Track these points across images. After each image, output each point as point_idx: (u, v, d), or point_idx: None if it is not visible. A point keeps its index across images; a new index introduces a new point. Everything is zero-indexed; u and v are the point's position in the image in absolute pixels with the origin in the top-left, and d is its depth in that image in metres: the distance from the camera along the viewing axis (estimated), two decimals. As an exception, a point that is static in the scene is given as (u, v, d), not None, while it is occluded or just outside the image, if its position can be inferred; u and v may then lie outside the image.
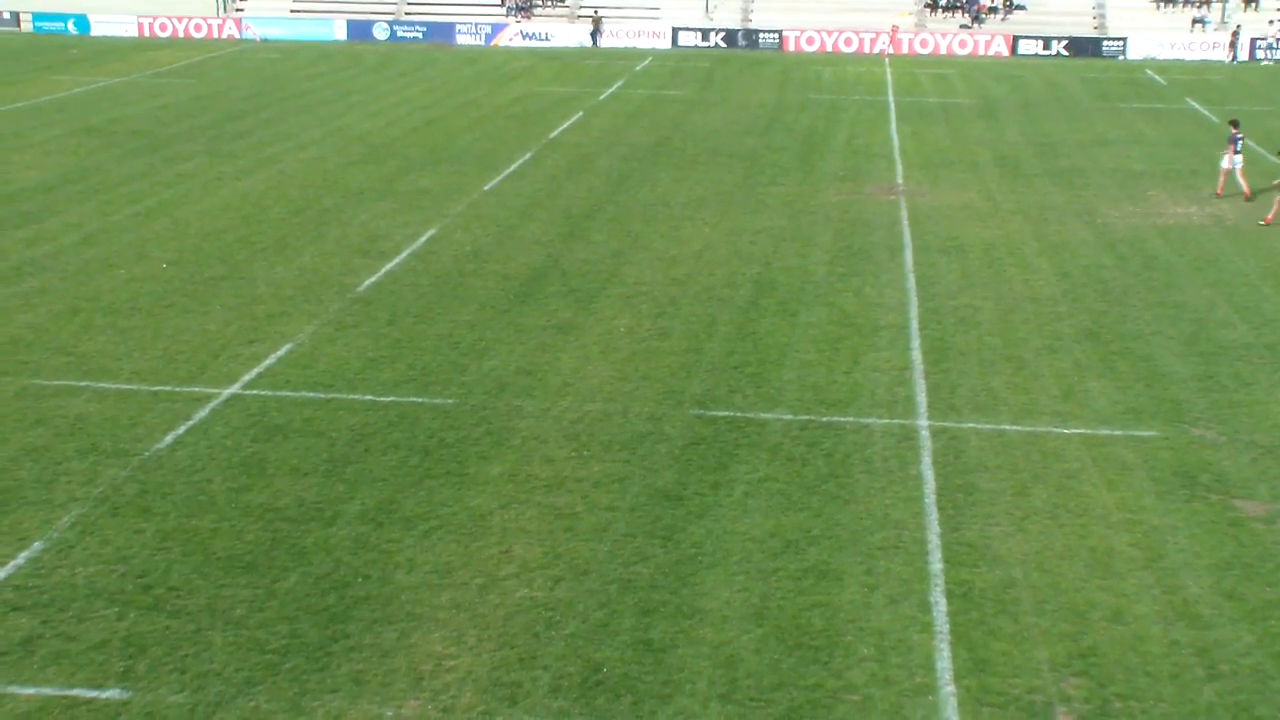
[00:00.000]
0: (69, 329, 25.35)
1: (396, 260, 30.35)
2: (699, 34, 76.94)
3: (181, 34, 79.81)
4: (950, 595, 15.95)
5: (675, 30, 77.00)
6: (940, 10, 79.07)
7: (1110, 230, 33.90)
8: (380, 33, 79.10)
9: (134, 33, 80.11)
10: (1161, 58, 73.26)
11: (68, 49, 73.12)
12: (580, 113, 52.62)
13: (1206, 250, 32.03)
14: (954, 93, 59.77)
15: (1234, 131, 37.64)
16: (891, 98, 58.03)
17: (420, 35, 78.79)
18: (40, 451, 19.79)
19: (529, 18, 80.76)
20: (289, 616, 15.33)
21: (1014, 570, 16.57)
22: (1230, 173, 37.71)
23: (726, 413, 21.48)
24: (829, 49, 75.70)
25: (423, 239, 32.29)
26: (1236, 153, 37.33)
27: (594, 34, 76.86)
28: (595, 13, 79.39)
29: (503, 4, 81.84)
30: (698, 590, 15.98)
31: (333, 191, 37.72)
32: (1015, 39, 75.08)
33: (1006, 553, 17.01)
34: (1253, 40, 73.12)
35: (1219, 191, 38.04)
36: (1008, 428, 21.05)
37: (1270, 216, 34.78)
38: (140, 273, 29.18)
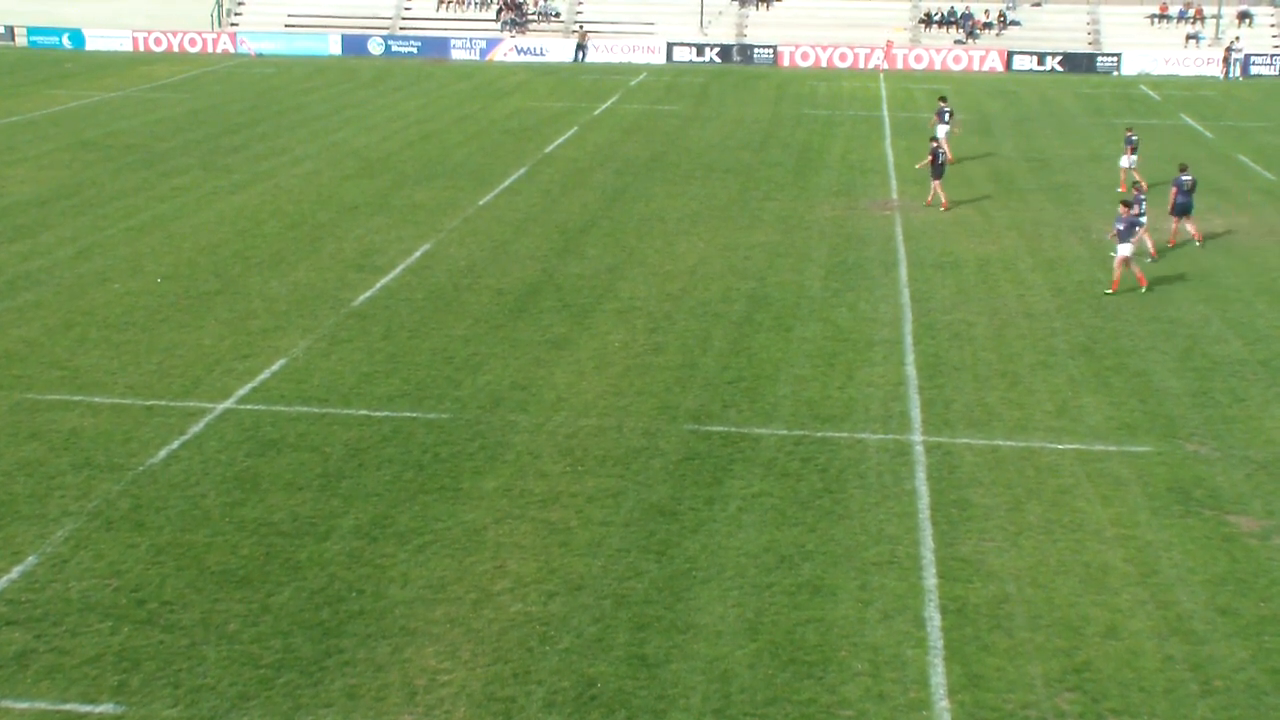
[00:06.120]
0: (63, 343, 25.34)
1: (391, 275, 30.36)
2: (694, 49, 77.07)
3: (176, 49, 79.85)
4: (944, 610, 15.95)
5: (670, 45, 77.11)
6: (935, 26, 79.27)
7: (1105, 245, 33.93)
8: (375, 47, 79.19)
9: (129, 47, 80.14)
10: (1156, 73, 73.45)
11: (62, 63, 73.16)
12: (575, 128, 52.70)
13: (1200, 265, 32.09)
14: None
15: (941, 105, 45.16)
16: (886, 113, 58.15)
17: (415, 50, 78.88)
18: (34, 466, 19.78)
19: (524, 33, 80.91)
20: (283, 631, 15.32)
21: (1008, 585, 16.58)
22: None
23: (721, 428, 21.49)
24: (824, 64, 75.83)
25: (417, 254, 32.31)
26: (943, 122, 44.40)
27: (579, 49, 76.88)
28: (581, 28, 79.55)
29: (497, 19, 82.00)
30: (692, 605, 15.98)
31: (328, 206, 37.74)
32: (1010, 54, 75.25)
33: (1000, 568, 17.02)
34: (1247, 56, 73.31)
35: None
36: (1002, 443, 21.08)
37: (928, 200, 38.46)
38: (134, 287, 29.18)
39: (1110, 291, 29.15)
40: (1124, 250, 29.19)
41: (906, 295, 29.20)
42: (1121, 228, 29.07)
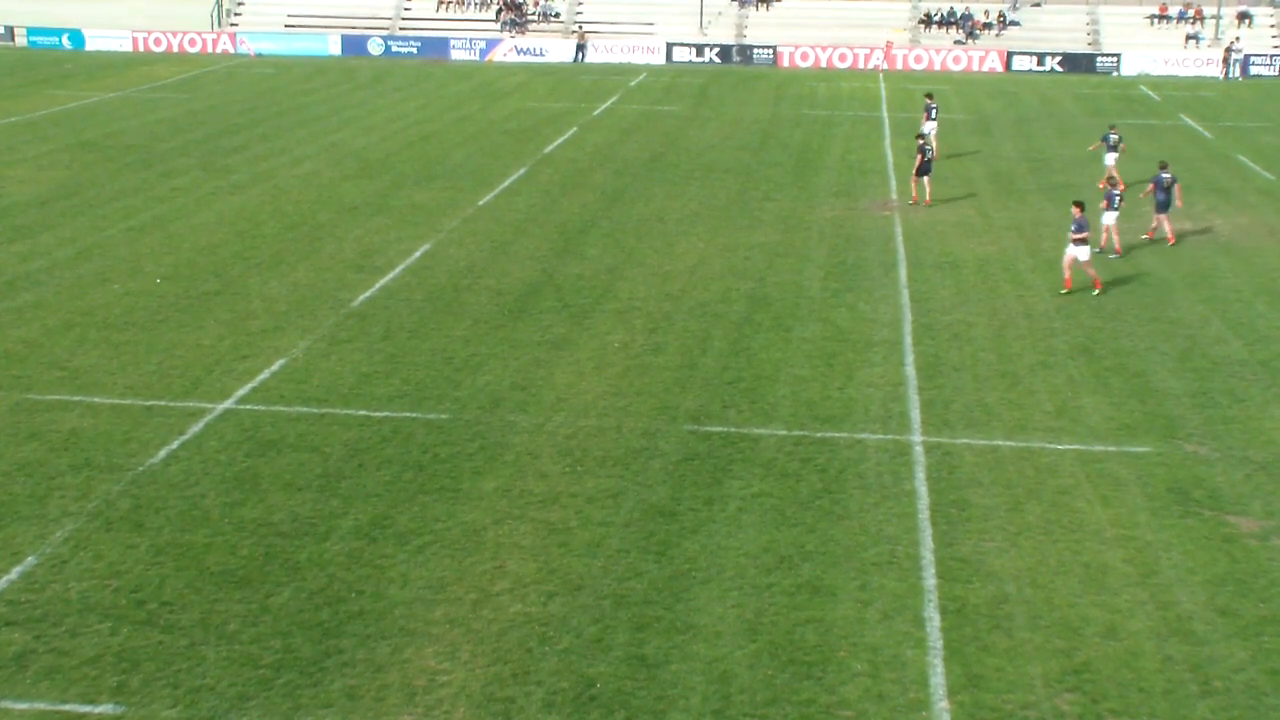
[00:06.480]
0: (63, 344, 25.33)
1: (391, 275, 30.36)
2: (693, 49, 77.08)
3: (176, 49, 79.86)
4: (944, 611, 15.95)
5: (670, 46, 77.13)
6: (935, 26, 79.27)
7: (1105, 247, 33.91)
8: (375, 48, 79.21)
9: (129, 48, 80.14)
10: (1155, 74, 73.46)
11: (62, 64, 73.16)
12: (575, 128, 52.70)
13: (1200, 266, 32.10)
14: (948, 108, 59.78)
15: (928, 102, 46.83)
16: (885, 113, 58.17)
17: (415, 50, 78.90)
18: (34, 466, 19.78)
19: (523, 33, 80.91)
20: (282, 632, 15.32)
21: (1007, 586, 16.58)
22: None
23: (720, 428, 21.49)
24: (823, 64, 75.86)
25: (417, 254, 32.31)
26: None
27: (579, 50, 76.83)
28: (580, 28, 79.52)
29: (497, 19, 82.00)
30: (691, 606, 15.98)
31: (327, 206, 37.74)
32: (1009, 55, 75.27)
33: (1000, 568, 17.02)
34: (1246, 56, 73.30)
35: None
36: (1001, 443, 21.08)
37: (927, 199, 38.55)
38: (134, 287, 29.18)
39: (1097, 292, 29.14)
40: (1082, 253, 29.10)
41: (906, 296, 29.20)
42: (1074, 229, 29.05)
